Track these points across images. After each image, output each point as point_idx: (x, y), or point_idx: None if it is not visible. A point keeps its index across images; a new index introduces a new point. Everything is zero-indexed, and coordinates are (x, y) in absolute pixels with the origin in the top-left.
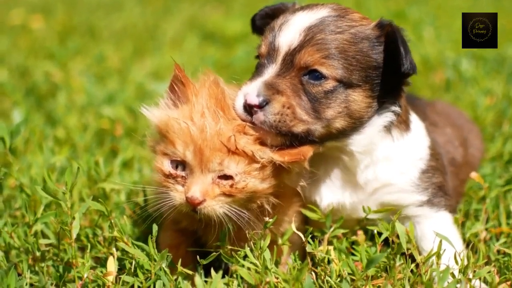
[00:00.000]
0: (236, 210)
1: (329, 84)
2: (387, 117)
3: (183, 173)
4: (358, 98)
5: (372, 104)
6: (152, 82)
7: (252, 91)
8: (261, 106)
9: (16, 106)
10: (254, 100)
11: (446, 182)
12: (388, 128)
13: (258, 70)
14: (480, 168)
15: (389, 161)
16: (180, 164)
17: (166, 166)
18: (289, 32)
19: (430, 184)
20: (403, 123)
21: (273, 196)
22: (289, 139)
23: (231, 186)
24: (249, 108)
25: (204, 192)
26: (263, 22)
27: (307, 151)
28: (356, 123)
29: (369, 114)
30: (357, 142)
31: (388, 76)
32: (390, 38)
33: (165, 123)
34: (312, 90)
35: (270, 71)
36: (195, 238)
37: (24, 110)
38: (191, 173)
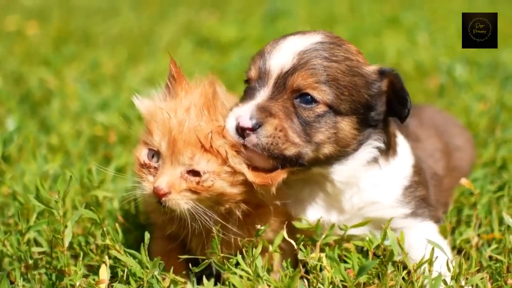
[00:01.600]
0: (201, 210)
1: (320, 109)
2: (371, 153)
3: (156, 164)
4: (345, 128)
5: (357, 137)
6: (146, 88)
7: (244, 113)
8: (254, 129)
9: (10, 113)
10: (247, 123)
11: (428, 195)
12: (374, 161)
13: (248, 93)
14: (472, 174)
15: (376, 187)
16: (156, 154)
17: (143, 155)
18: (281, 55)
19: (413, 198)
20: (391, 149)
21: (253, 204)
22: (280, 162)
23: (198, 183)
24: (241, 131)
25: (171, 184)
26: None
27: (277, 176)
28: (341, 152)
29: (354, 146)
30: (339, 172)
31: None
32: (394, 88)
33: (150, 112)
34: (303, 114)
35: (262, 94)
36: (185, 245)
37: (18, 117)
38: (163, 164)
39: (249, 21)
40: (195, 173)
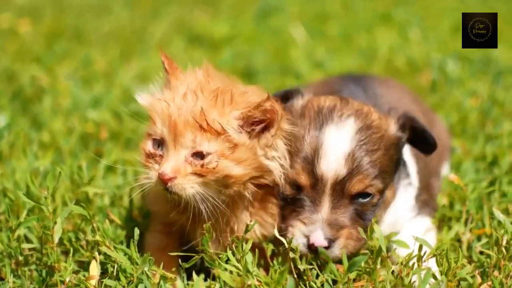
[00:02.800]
0: (208, 194)
1: (375, 199)
2: (405, 192)
3: (161, 152)
4: (389, 195)
5: (395, 191)
6: (138, 85)
7: (318, 233)
8: (329, 247)
9: (2, 110)
10: (323, 243)
11: (431, 197)
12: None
13: (306, 203)
14: (462, 166)
15: (402, 205)
16: (161, 144)
17: (148, 146)
18: (332, 160)
19: (418, 201)
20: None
21: (262, 185)
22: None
23: (202, 166)
24: (315, 248)
25: (176, 169)
26: None
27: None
28: (387, 210)
29: (393, 198)
30: (385, 219)
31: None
32: (416, 132)
33: (151, 104)
34: (363, 208)
35: (325, 206)
36: (181, 240)
37: (10, 114)
38: (166, 151)
39: (241, 18)
40: (199, 155)
